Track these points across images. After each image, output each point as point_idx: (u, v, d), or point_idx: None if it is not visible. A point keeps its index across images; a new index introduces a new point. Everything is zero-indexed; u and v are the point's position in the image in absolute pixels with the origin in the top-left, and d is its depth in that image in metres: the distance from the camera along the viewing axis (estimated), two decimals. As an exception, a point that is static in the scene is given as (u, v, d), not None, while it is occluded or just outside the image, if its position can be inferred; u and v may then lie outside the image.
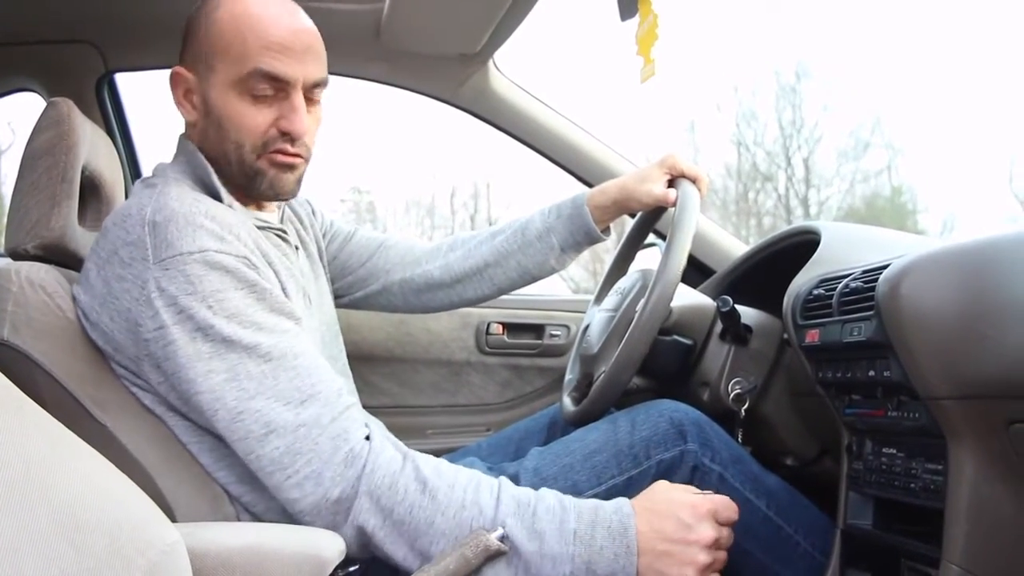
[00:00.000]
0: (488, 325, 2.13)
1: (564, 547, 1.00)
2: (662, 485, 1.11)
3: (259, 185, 1.23)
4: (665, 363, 1.51)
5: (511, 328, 2.16)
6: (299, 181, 1.27)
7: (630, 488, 1.23)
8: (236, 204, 1.22)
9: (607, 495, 1.22)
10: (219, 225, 1.10)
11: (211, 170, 1.21)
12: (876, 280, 1.12)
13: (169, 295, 1.05)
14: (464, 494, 1.03)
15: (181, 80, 1.23)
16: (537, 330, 2.17)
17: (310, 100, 1.24)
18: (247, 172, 1.22)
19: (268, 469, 1.04)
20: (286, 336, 1.07)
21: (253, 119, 1.19)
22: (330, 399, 1.06)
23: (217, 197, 1.20)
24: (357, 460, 1.03)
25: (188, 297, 1.04)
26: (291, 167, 1.23)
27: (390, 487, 1.02)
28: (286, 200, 1.32)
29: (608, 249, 1.79)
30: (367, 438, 1.06)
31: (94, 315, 1.12)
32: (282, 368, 1.05)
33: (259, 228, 1.23)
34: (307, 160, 1.26)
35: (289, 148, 1.22)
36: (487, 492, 1.04)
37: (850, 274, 1.22)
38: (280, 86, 1.19)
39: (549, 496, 1.06)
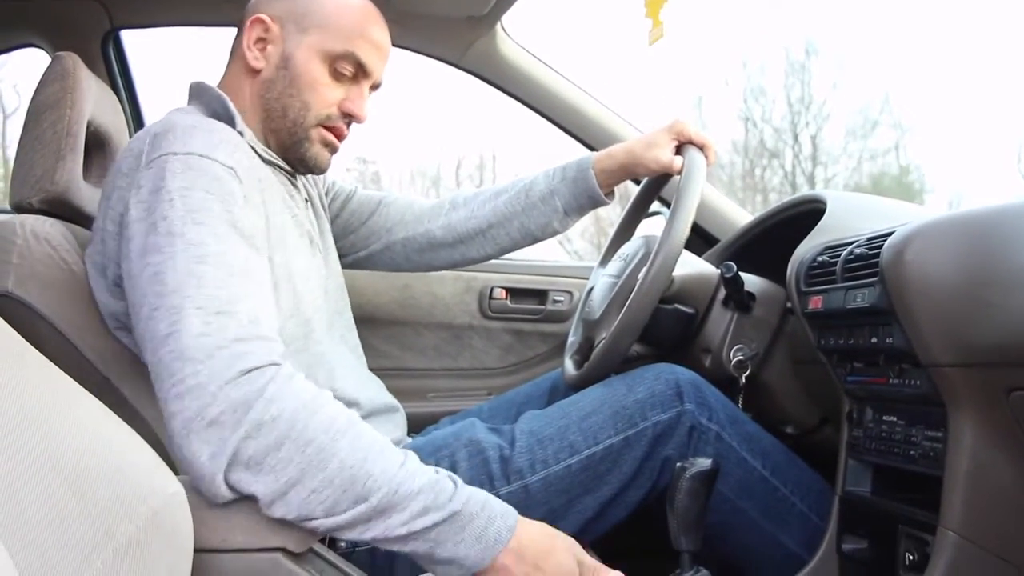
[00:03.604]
0: (491, 290, 2.13)
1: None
2: (563, 541, 1.00)
3: (300, 151, 1.28)
4: (666, 331, 1.51)
5: (514, 293, 2.15)
6: (330, 161, 1.33)
7: (627, 448, 1.23)
8: (248, 131, 1.23)
9: (604, 454, 1.22)
10: (217, 137, 1.10)
11: (227, 100, 1.23)
12: (881, 247, 1.12)
13: (144, 191, 1.04)
14: (370, 447, 0.92)
15: (260, 27, 1.26)
16: (540, 295, 2.17)
17: None
18: (297, 133, 1.27)
19: (159, 373, 0.93)
20: (231, 251, 1.01)
21: (327, 90, 1.26)
22: (243, 322, 0.95)
23: (231, 123, 1.20)
24: (251, 384, 0.90)
25: (156, 193, 1.02)
26: (334, 147, 1.31)
27: (288, 419, 0.90)
28: (316, 174, 1.37)
29: (613, 223, 1.78)
30: (276, 364, 0.94)
31: (98, 258, 1.12)
32: (212, 276, 0.97)
33: (268, 163, 1.25)
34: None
35: (344, 130, 1.31)
36: (393, 453, 0.94)
37: (855, 241, 1.22)
38: (358, 73, 1.28)
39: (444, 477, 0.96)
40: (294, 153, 1.28)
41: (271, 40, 1.26)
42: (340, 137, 1.30)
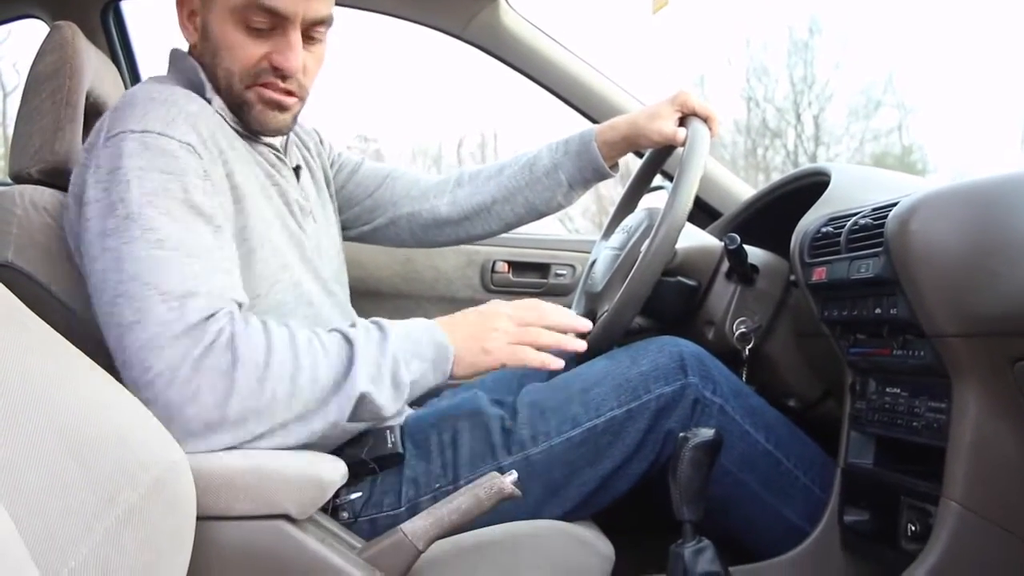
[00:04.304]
0: (493, 263, 2.12)
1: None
2: (483, 311, 1.21)
3: (245, 117, 1.22)
4: (668, 304, 1.50)
5: (516, 267, 2.15)
6: (293, 119, 1.26)
7: (629, 420, 1.23)
8: (217, 99, 1.21)
9: (606, 426, 1.22)
10: (176, 109, 1.09)
11: (198, 67, 1.21)
12: (885, 217, 1.11)
13: (102, 172, 1.04)
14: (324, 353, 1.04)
15: (187, 2, 1.22)
16: (542, 269, 2.16)
17: (310, 39, 1.22)
18: (235, 101, 1.21)
19: (126, 360, 0.98)
20: (189, 231, 1.03)
21: (245, 50, 1.18)
22: (208, 300, 1.00)
23: (201, 91, 1.20)
24: (220, 351, 0.98)
25: (113, 174, 1.03)
26: (280, 105, 1.22)
27: (261, 362, 0.99)
28: (274, 135, 1.29)
29: (614, 202, 1.77)
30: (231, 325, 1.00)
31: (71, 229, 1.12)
32: (172, 260, 1.00)
33: (243, 135, 1.23)
34: (302, 99, 1.25)
35: (279, 84, 1.20)
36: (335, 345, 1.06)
37: (859, 212, 1.21)
38: (277, 21, 1.16)
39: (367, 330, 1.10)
40: (241, 120, 1.23)
41: (196, 12, 1.21)
42: (279, 92, 1.20)
